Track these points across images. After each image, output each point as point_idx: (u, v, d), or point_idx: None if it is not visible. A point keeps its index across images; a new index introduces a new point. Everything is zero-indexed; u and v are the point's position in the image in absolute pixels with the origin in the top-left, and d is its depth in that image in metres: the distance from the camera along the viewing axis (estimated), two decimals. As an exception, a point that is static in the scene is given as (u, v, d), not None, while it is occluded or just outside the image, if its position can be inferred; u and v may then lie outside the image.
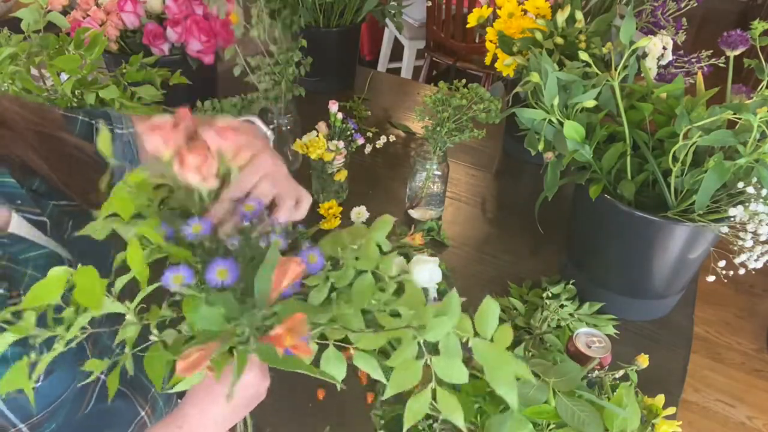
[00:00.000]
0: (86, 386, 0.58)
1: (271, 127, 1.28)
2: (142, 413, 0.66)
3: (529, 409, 0.71)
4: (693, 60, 1.03)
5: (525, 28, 1.08)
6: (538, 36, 1.04)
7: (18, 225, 0.55)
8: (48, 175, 0.59)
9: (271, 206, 0.51)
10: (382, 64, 3.09)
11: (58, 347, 0.40)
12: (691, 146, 0.76)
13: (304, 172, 1.17)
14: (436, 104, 1.02)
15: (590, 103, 0.82)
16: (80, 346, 0.56)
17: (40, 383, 0.51)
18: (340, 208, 1.12)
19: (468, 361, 0.42)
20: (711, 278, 0.76)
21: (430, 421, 0.78)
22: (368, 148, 1.36)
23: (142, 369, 0.62)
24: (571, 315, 0.93)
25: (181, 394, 0.71)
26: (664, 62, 1.02)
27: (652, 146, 0.84)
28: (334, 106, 1.21)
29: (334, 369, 0.43)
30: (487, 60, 1.18)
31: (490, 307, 0.42)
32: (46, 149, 0.59)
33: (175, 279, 0.40)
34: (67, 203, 0.61)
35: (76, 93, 0.91)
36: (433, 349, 0.41)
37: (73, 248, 0.59)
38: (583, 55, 0.82)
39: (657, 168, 0.81)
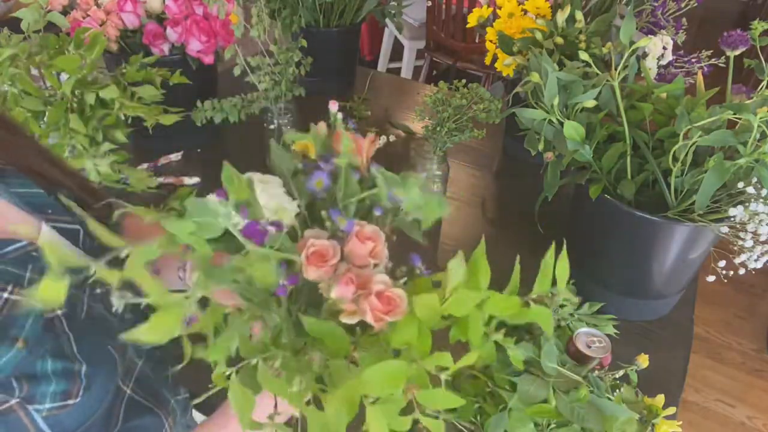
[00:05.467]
0: (112, 405, 0.58)
1: (271, 127, 1.28)
2: (166, 425, 0.66)
3: (530, 408, 0.71)
4: (693, 60, 1.03)
5: (525, 28, 1.08)
6: (538, 36, 1.04)
7: (48, 236, 0.55)
8: (69, 186, 0.60)
9: None
10: (382, 64, 3.09)
11: None
12: (691, 146, 0.76)
13: (304, 172, 1.17)
14: (436, 104, 1.02)
15: (590, 103, 0.82)
16: (113, 360, 0.56)
17: (79, 399, 0.51)
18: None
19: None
20: (711, 278, 0.76)
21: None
22: (368, 148, 1.35)
23: (159, 380, 0.63)
24: (571, 315, 0.93)
25: (198, 404, 0.71)
26: (664, 62, 1.02)
27: (652, 146, 0.84)
28: (334, 106, 1.21)
29: None
30: (487, 60, 1.18)
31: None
32: (59, 163, 0.60)
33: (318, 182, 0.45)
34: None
35: (76, 93, 0.91)
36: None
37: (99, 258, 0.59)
38: (583, 55, 0.82)
39: (657, 168, 0.81)
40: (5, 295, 0.47)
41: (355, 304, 0.43)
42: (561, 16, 1.04)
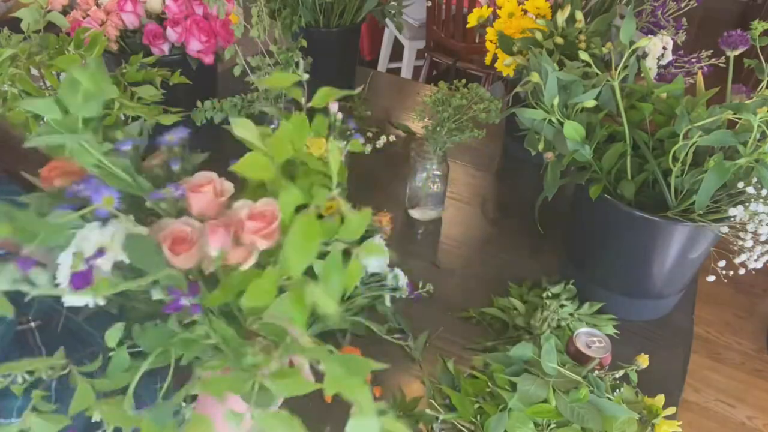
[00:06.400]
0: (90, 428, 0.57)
1: (272, 127, 1.28)
2: None
3: (530, 408, 0.71)
4: (693, 60, 1.03)
5: (525, 28, 1.08)
6: (538, 36, 1.04)
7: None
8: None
9: None
10: (382, 64, 3.09)
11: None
12: (691, 146, 0.76)
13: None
14: (436, 104, 1.02)
15: (590, 103, 0.82)
16: (90, 375, 0.55)
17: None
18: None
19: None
20: (711, 278, 0.76)
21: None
22: (368, 148, 1.36)
23: (149, 392, 0.62)
24: (571, 315, 0.93)
25: None
26: (664, 62, 1.02)
27: (652, 146, 0.84)
28: (334, 106, 1.21)
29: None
30: (487, 60, 1.18)
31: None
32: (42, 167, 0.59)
33: (106, 201, 0.37)
34: None
35: (76, 93, 0.91)
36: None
37: None
38: (583, 55, 0.82)
39: (657, 168, 0.81)
40: None
41: (240, 245, 0.40)
42: (561, 16, 1.04)
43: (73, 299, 0.36)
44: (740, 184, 0.73)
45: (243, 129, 0.41)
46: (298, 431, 0.37)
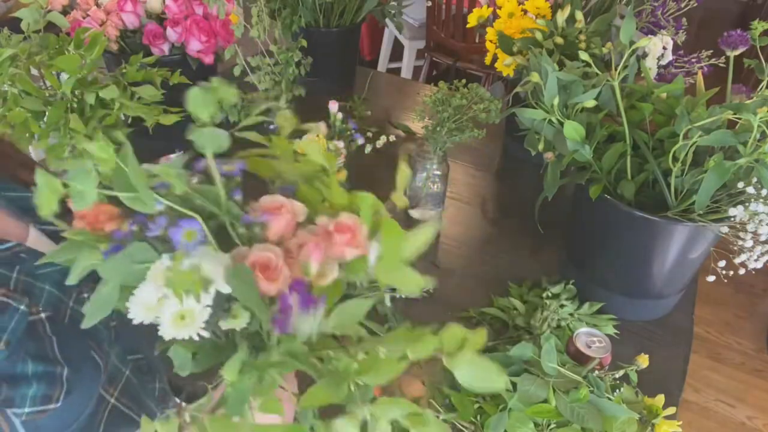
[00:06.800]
0: (94, 413, 0.58)
1: (272, 127, 1.28)
2: None
3: (530, 408, 0.71)
4: (693, 60, 1.03)
5: (525, 28, 1.08)
6: (538, 36, 1.04)
7: (36, 239, 0.55)
8: None
9: None
10: (382, 64, 3.09)
11: None
12: (691, 146, 0.76)
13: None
14: (436, 104, 1.02)
15: (590, 103, 0.82)
16: (96, 366, 0.56)
17: (59, 403, 0.50)
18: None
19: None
20: (711, 278, 0.76)
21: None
22: (368, 148, 1.36)
23: (146, 391, 0.62)
24: (571, 315, 0.93)
25: None
26: (664, 62, 1.02)
27: (652, 146, 0.84)
28: (334, 106, 1.21)
29: None
30: (487, 60, 1.18)
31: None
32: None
33: (188, 235, 0.37)
34: None
35: (76, 93, 0.91)
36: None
37: None
38: (583, 55, 0.82)
39: (657, 168, 0.81)
40: None
41: (329, 257, 0.40)
42: (561, 16, 1.04)
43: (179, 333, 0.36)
44: (740, 184, 0.73)
45: (313, 151, 0.43)
46: (408, 408, 0.38)
